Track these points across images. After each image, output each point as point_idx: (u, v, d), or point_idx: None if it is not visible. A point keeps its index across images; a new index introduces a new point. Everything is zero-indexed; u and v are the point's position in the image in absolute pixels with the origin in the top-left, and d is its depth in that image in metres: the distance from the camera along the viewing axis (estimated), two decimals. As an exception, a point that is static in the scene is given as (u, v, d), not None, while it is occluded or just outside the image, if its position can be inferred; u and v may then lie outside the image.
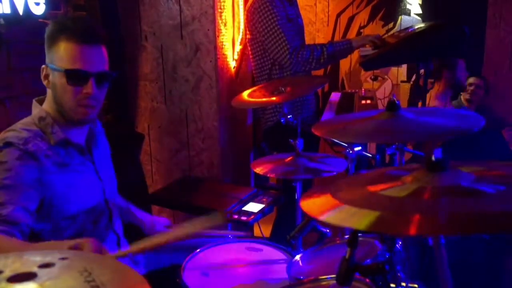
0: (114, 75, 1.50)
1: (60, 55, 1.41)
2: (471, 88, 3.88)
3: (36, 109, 1.50)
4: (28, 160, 1.36)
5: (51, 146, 1.44)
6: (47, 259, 0.69)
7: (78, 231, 1.51)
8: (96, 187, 1.58)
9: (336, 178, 0.97)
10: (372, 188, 0.80)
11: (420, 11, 4.36)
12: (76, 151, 1.52)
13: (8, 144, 1.37)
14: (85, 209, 1.51)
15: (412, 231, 0.64)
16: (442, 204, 0.69)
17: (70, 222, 1.48)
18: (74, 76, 1.41)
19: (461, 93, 3.90)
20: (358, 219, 0.70)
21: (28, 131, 1.43)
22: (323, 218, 0.74)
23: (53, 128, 1.45)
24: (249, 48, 2.85)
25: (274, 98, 1.90)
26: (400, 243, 1.31)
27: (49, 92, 1.48)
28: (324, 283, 1.21)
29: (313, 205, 0.80)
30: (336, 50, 2.66)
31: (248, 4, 2.80)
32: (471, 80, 3.89)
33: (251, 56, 2.84)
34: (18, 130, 1.43)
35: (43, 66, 1.46)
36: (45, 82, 1.47)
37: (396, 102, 1.22)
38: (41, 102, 1.51)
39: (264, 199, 2.27)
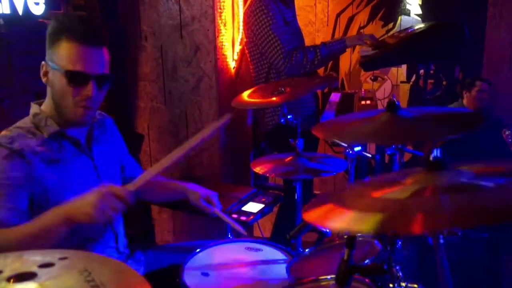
0: (114, 78, 1.50)
1: (61, 55, 1.41)
2: (484, 96, 3.86)
3: (32, 109, 1.52)
4: (15, 158, 1.38)
5: (44, 141, 1.45)
6: (47, 259, 0.69)
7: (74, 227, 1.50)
8: (93, 184, 1.55)
9: (337, 190, 0.97)
10: (375, 194, 0.81)
11: (420, 12, 4.35)
12: (71, 144, 1.52)
13: None
14: None
15: (417, 229, 0.65)
16: (443, 200, 0.70)
17: None
18: (74, 78, 1.40)
19: (467, 93, 3.88)
20: (364, 222, 0.71)
21: (20, 129, 1.45)
22: (328, 225, 0.75)
23: (47, 121, 1.47)
24: (246, 51, 2.85)
25: (274, 99, 1.90)
26: (400, 243, 1.31)
27: (48, 89, 1.49)
28: (324, 283, 1.21)
29: (317, 215, 0.81)
30: (330, 51, 2.64)
31: (245, 6, 2.80)
32: (484, 86, 3.86)
33: (249, 59, 2.84)
34: (10, 129, 1.46)
35: (43, 62, 1.46)
36: (44, 79, 1.47)
37: (396, 102, 1.22)
38: (39, 105, 1.53)
39: (264, 199, 2.27)
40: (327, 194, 0.91)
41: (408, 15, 4.39)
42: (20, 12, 2.03)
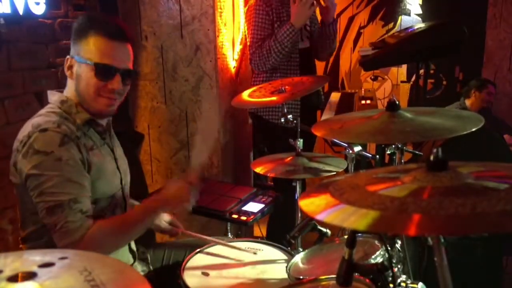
0: (137, 73, 1.53)
1: (89, 48, 1.43)
2: (492, 98, 3.87)
3: (55, 96, 1.50)
4: (68, 142, 1.37)
5: (77, 127, 1.44)
6: (47, 258, 0.69)
7: (96, 216, 1.50)
8: (116, 175, 1.58)
9: (334, 177, 0.97)
10: (371, 188, 0.80)
11: (420, 11, 4.36)
12: (98, 134, 1.53)
13: (44, 130, 1.36)
14: (107, 195, 1.51)
15: (412, 231, 0.63)
16: (441, 203, 0.69)
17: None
18: (102, 70, 1.43)
19: (476, 92, 3.87)
20: (357, 219, 0.69)
21: (55, 114, 1.43)
22: (321, 217, 0.74)
23: (77, 108, 1.46)
24: None
25: (274, 98, 1.90)
26: (400, 243, 1.31)
27: (70, 83, 1.49)
28: (324, 283, 1.21)
29: (312, 204, 0.80)
30: (283, 36, 2.57)
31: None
32: (493, 90, 3.87)
33: None
34: (45, 114, 1.43)
35: (68, 57, 1.46)
36: (68, 73, 1.47)
37: (396, 102, 1.22)
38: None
39: (264, 199, 2.27)
40: (325, 182, 0.89)
41: (408, 15, 4.40)
42: (21, 12, 2.02)
